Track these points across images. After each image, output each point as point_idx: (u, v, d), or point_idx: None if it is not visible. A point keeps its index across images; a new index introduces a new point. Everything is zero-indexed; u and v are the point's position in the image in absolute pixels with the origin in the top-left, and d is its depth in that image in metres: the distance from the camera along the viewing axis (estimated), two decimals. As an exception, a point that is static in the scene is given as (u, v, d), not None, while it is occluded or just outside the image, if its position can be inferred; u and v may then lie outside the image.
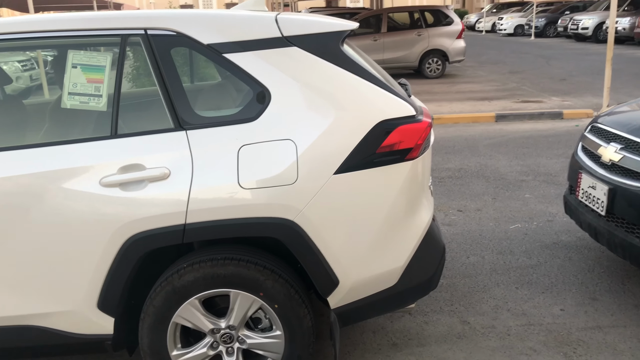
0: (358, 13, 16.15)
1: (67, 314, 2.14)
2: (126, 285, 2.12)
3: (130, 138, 2.10)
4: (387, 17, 12.94)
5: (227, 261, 2.12)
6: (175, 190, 2.05)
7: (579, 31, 21.17)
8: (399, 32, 12.79)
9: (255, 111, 2.13)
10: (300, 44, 2.16)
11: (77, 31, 2.15)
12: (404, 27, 13.03)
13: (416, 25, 12.85)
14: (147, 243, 2.06)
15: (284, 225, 2.08)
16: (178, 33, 2.14)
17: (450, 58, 12.78)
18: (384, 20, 12.83)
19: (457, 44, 12.75)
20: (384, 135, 2.12)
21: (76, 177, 2.06)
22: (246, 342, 2.23)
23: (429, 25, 12.80)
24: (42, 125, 2.73)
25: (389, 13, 13.11)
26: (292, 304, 2.15)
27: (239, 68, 2.13)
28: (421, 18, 12.81)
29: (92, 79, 2.15)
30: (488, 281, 3.29)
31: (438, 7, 13.07)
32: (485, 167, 5.74)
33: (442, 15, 12.90)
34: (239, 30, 2.16)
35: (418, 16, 12.88)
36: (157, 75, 2.13)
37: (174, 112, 2.12)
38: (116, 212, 2.04)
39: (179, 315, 2.15)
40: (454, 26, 12.75)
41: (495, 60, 16.18)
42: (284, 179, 2.06)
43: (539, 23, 25.24)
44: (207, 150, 2.08)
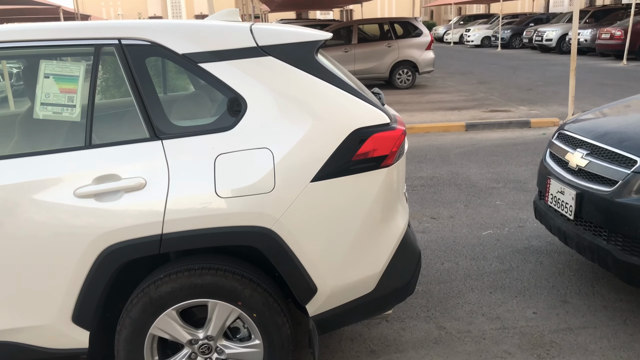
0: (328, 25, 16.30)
1: (41, 328, 2.09)
2: (102, 298, 2.09)
3: (105, 148, 2.08)
4: (357, 29, 13.10)
5: (204, 271, 2.11)
6: (151, 200, 2.03)
7: (543, 42, 21.81)
8: (370, 44, 12.96)
9: (232, 120, 2.13)
10: (275, 53, 2.18)
11: (50, 41, 2.13)
12: (374, 38, 13.21)
13: (386, 36, 13.04)
14: (123, 254, 2.04)
15: (261, 234, 2.09)
16: (152, 43, 2.14)
17: (420, 69, 13.00)
18: (354, 31, 12.99)
19: (427, 55, 12.98)
20: (359, 142, 2.15)
21: (49, 188, 2.03)
22: (225, 352, 2.21)
23: (399, 36, 13.01)
24: (12, 137, 2.68)
25: (359, 25, 13.27)
26: (270, 313, 2.15)
27: (214, 77, 2.14)
28: (391, 30, 13.01)
29: (65, 89, 2.13)
30: (463, 286, 3.34)
31: (407, 19, 13.30)
32: (457, 175, 5.84)
33: (412, 27, 13.13)
34: (214, 40, 2.17)
35: (388, 28, 13.08)
36: (132, 84, 2.12)
37: (149, 121, 2.11)
38: (91, 224, 2.02)
39: (156, 326, 2.12)
40: (423, 37, 12.99)
41: (463, 71, 16.52)
42: (261, 187, 2.07)
43: (505, 35, 25.90)
44: (183, 159, 2.08)
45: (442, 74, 16.07)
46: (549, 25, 22.39)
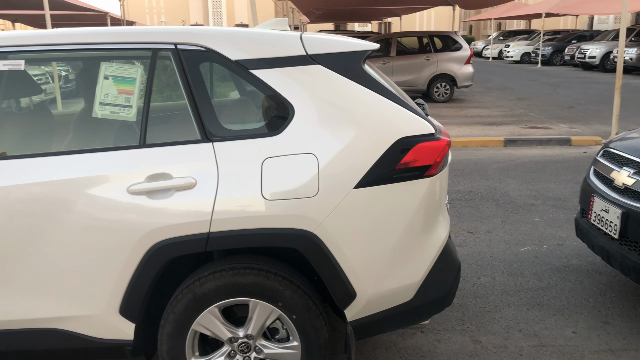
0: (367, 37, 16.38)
1: (90, 318, 2.18)
2: (148, 292, 2.16)
3: (159, 148, 2.17)
4: (396, 42, 13.13)
5: (247, 270, 2.16)
6: (200, 200, 2.10)
7: (586, 60, 21.37)
8: (408, 56, 12.97)
9: (279, 125, 2.19)
10: (324, 62, 2.23)
11: (111, 44, 2.24)
12: (413, 51, 13.21)
13: (425, 49, 13.02)
14: (171, 250, 2.11)
15: (303, 237, 2.13)
16: (207, 49, 2.22)
17: (458, 83, 12.92)
18: (393, 44, 13.02)
19: (466, 69, 12.90)
20: (403, 151, 2.17)
21: (104, 184, 2.12)
22: (263, 352, 2.25)
23: (438, 50, 12.98)
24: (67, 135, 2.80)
25: (398, 37, 13.31)
26: (309, 315, 2.19)
27: (264, 84, 2.21)
28: (430, 43, 13.00)
29: (122, 90, 2.23)
30: (499, 302, 3.31)
31: (447, 32, 13.26)
32: (495, 190, 5.78)
33: (451, 40, 13.08)
34: (265, 47, 2.24)
35: (427, 41, 13.07)
36: (186, 88, 2.21)
37: (201, 124, 2.19)
38: (142, 220, 2.09)
39: (198, 323, 2.18)
40: (462, 52, 12.92)
41: (502, 87, 16.33)
42: (305, 191, 2.12)
43: (545, 51, 25.49)
44: (232, 161, 2.14)
45: (481, 88, 15.92)
46: (593, 43, 21.94)
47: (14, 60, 2.23)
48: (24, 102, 3.17)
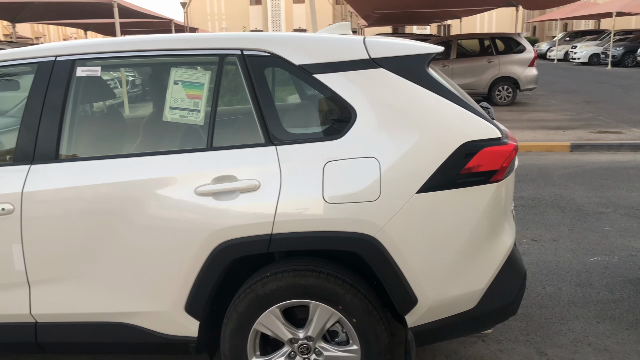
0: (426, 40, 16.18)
1: (158, 314, 2.26)
2: (212, 291, 2.22)
3: (225, 151, 2.22)
4: (456, 44, 12.89)
5: (308, 272, 2.18)
6: (264, 202, 2.14)
7: (661, 61, 20.18)
8: (469, 59, 12.70)
9: (341, 129, 2.20)
10: (387, 65, 2.23)
11: (180, 50, 2.32)
12: (474, 53, 12.92)
13: (486, 52, 12.71)
14: (235, 251, 2.16)
15: (365, 241, 2.13)
16: (272, 54, 2.27)
17: (521, 86, 12.53)
18: (453, 46, 12.79)
19: (529, 71, 12.48)
20: (468, 156, 2.13)
21: (172, 185, 2.20)
22: (323, 354, 2.27)
23: (500, 52, 12.63)
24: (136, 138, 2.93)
25: (458, 40, 13.06)
26: (370, 320, 2.18)
27: (327, 88, 2.23)
28: (492, 45, 12.68)
29: (191, 94, 2.31)
30: (566, 313, 3.18)
31: (510, 34, 12.89)
32: (560, 197, 5.56)
33: (514, 42, 12.70)
34: (329, 52, 2.26)
35: (489, 43, 12.75)
36: (251, 92, 2.26)
37: (265, 128, 2.23)
38: (208, 220, 2.16)
39: (260, 322, 2.22)
40: (526, 54, 12.52)
41: (568, 89, 15.69)
42: (367, 195, 2.12)
43: (616, 52, 24.29)
44: (295, 164, 2.17)
45: (545, 91, 15.36)
46: (669, 43, 20.69)
47: (92, 67, 2.35)
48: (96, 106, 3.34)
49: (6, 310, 2.33)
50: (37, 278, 2.26)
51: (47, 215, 2.22)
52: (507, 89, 12.60)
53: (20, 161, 2.28)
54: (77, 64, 2.34)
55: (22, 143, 2.29)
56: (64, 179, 2.23)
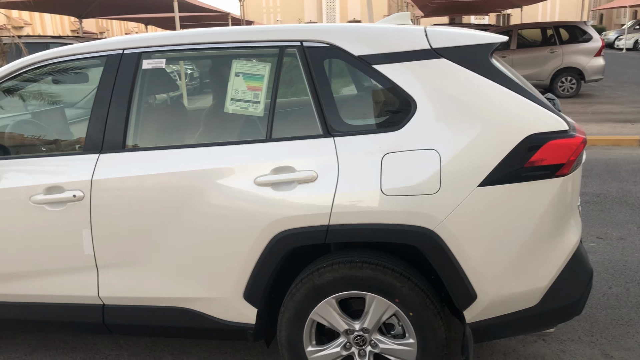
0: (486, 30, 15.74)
1: (217, 300, 2.32)
2: (270, 279, 2.26)
3: (283, 142, 2.25)
4: (517, 34, 12.45)
5: (365, 264, 2.17)
6: (321, 193, 2.15)
7: None
8: (530, 49, 12.24)
9: (401, 120, 2.18)
10: (449, 55, 2.18)
11: (242, 43, 2.36)
12: (535, 44, 12.45)
13: (549, 42, 12.21)
14: (293, 240, 2.18)
15: (423, 234, 2.10)
16: (331, 45, 2.26)
17: (586, 77, 11.96)
18: (513, 36, 12.36)
19: (595, 61, 11.89)
20: (534, 149, 2.06)
21: (233, 175, 2.24)
22: (378, 347, 2.26)
23: (564, 42, 12.10)
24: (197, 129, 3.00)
25: (519, 29, 12.61)
26: (427, 314, 2.16)
27: (386, 79, 2.20)
28: (555, 34, 12.16)
29: (252, 86, 2.34)
30: (634, 315, 3.03)
31: (575, 23, 12.32)
32: (629, 193, 5.29)
33: (579, 31, 12.14)
34: (389, 42, 2.23)
35: (552, 32, 12.24)
36: (310, 84, 2.26)
37: (323, 119, 2.23)
38: (267, 210, 2.19)
39: (316, 312, 2.24)
40: (592, 43, 11.93)
41: (638, 81, 14.86)
42: (426, 188, 2.08)
43: (692, 40, 22.76)
44: (352, 156, 2.17)
45: (612, 82, 14.61)
46: None
47: (157, 59, 2.43)
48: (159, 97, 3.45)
49: (76, 292, 2.45)
50: (104, 262, 2.37)
51: (114, 202, 2.32)
52: (571, 80, 12.07)
53: (90, 150, 2.38)
54: (143, 56, 2.42)
55: (92, 133, 2.40)
56: (130, 168, 2.32)
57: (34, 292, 2.49)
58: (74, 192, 2.32)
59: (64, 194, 2.33)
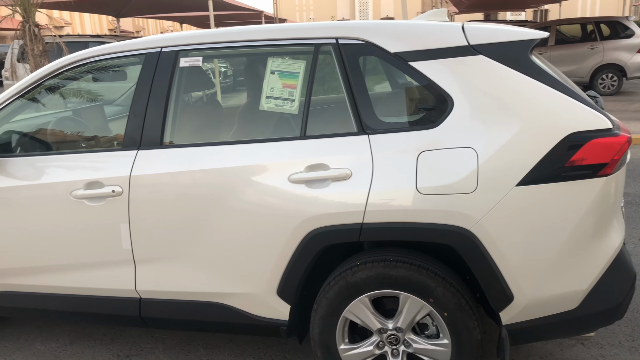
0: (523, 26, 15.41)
1: (251, 296, 2.34)
2: (303, 276, 2.26)
3: (317, 140, 2.25)
4: (555, 30, 12.15)
5: (399, 264, 2.16)
6: (355, 191, 2.14)
7: None
8: (569, 46, 11.93)
9: (437, 118, 2.15)
10: (487, 52, 2.14)
11: (277, 40, 2.37)
12: (574, 40, 12.12)
13: (589, 37, 11.87)
14: (326, 238, 2.18)
15: (459, 234, 2.07)
16: (367, 42, 2.25)
17: (628, 73, 11.58)
18: (551, 32, 12.06)
19: (638, 58, 11.49)
20: (575, 148, 2.00)
21: (267, 172, 2.25)
22: (412, 346, 2.24)
23: (605, 38, 11.74)
24: (232, 126, 3.03)
25: (557, 25, 12.30)
26: (462, 314, 2.13)
27: (423, 76, 2.18)
28: (595, 30, 11.81)
29: (287, 84, 2.35)
30: (678, 321, 2.92)
31: (617, 18, 11.95)
32: (673, 194, 5.10)
33: (621, 27, 11.76)
34: (425, 39, 2.20)
35: (592, 28, 11.90)
36: (345, 81, 2.25)
37: (358, 117, 2.22)
38: (301, 207, 2.19)
39: (349, 310, 2.23)
40: (634, 39, 11.54)
41: (683, 77, 14.28)
42: (463, 187, 2.05)
43: None
44: (387, 154, 2.15)
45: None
46: None
47: (194, 57, 2.46)
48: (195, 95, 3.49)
49: (114, 285, 2.51)
50: (142, 257, 2.42)
51: (151, 198, 2.36)
52: (612, 77, 11.70)
53: (128, 147, 2.43)
54: (180, 54, 2.45)
55: (131, 130, 2.44)
56: (167, 164, 2.36)
57: (73, 285, 2.56)
58: (112, 188, 2.37)
59: (103, 189, 2.38)
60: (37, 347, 2.97)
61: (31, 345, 2.98)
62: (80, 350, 2.91)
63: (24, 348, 2.96)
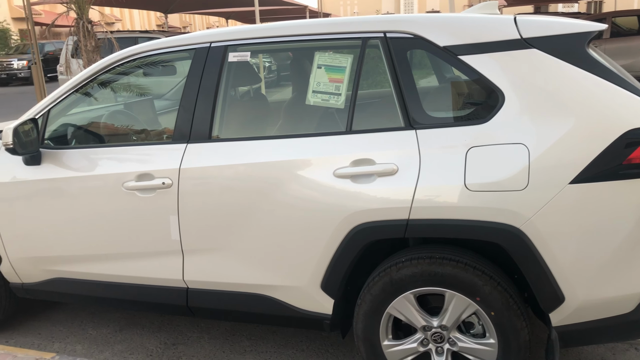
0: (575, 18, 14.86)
1: (295, 289, 2.36)
2: (347, 271, 2.26)
3: (363, 134, 2.23)
4: (610, 22, 11.66)
5: (445, 261, 2.13)
6: (401, 186, 2.12)
7: None
8: (626, 38, 11.44)
9: (487, 113, 2.10)
10: (541, 45, 2.08)
11: (325, 35, 2.37)
12: (632, 32, 11.61)
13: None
14: (371, 233, 2.17)
15: (509, 232, 2.02)
16: (416, 36, 2.22)
17: (689, 67, 11.00)
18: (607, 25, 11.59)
19: (700, 51, 10.92)
20: (633, 145, 1.92)
21: (312, 166, 2.26)
22: (457, 345, 2.21)
23: (664, 30, 11.20)
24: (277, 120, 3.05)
25: (613, 17, 11.81)
26: (509, 314, 2.08)
27: (473, 70, 2.13)
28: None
29: (333, 78, 2.35)
30: None
31: (677, 9, 11.37)
32: None
33: (682, 18, 11.18)
34: (476, 32, 2.16)
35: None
36: (392, 75, 2.23)
37: (405, 111, 2.20)
38: (345, 202, 2.19)
39: (393, 306, 2.22)
40: (696, 30, 10.96)
41: None
42: (514, 184, 2.00)
43: None
44: (435, 149, 2.12)
45: None
46: None
47: (242, 52, 2.49)
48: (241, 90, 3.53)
49: (163, 275, 2.58)
50: (190, 247, 2.47)
51: (200, 190, 2.41)
52: (671, 71, 11.16)
53: (178, 140, 2.49)
54: (229, 49, 2.48)
55: (180, 124, 2.49)
56: (215, 158, 2.40)
57: (124, 273, 2.64)
58: (163, 180, 2.43)
59: (154, 181, 2.45)
60: (89, 332, 3.09)
61: (84, 330, 3.10)
62: (130, 337, 3.01)
63: (77, 333, 3.08)
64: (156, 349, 2.89)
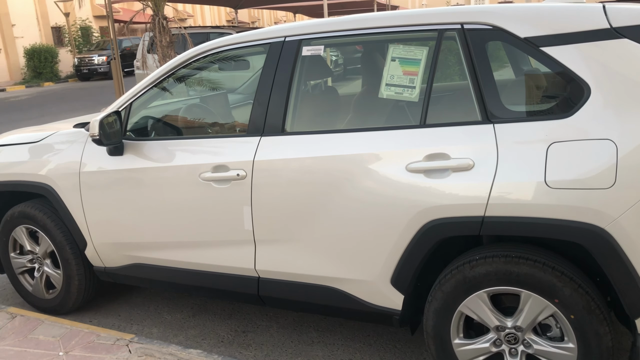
0: None
1: (365, 283, 2.36)
2: (418, 267, 2.23)
3: (438, 128, 2.19)
4: None
5: (521, 260, 2.05)
6: (477, 182, 2.07)
7: None
8: None
9: (571, 107, 2.01)
10: (633, 35, 1.95)
11: (399, 27, 2.33)
12: None
13: None
14: (445, 230, 2.13)
15: (592, 232, 1.92)
16: (494, 27, 2.15)
17: None
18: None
19: None
20: None
21: (384, 160, 2.24)
22: (532, 347, 2.13)
23: None
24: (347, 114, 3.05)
25: None
26: (591, 319, 1.98)
27: (556, 62, 2.04)
28: None
29: (408, 71, 2.31)
30: None
31: None
32: None
33: None
34: (560, 22, 2.06)
35: None
36: (470, 68, 2.17)
37: (482, 105, 2.13)
38: (418, 197, 2.16)
39: (465, 305, 2.17)
40: None
41: None
42: (599, 182, 1.90)
43: None
44: (514, 144, 2.05)
45: None
46: None
47: (316, 46, 2.50)
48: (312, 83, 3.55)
49: (235, 264, 2.65)
50: (262, 237, 2.53)
51: (272, 182, 2.45)
52: None
53: (252, 133, 2.54)
54: (303, 43, 2.50)
55: (255, 117, 2.55)
56: (288, 151, 2.43)
57: (198, 261, 2.74)
58: (237, 171, 2.50)
59: (229, 172, 2.51)
60: (164, 316, 3.23)
61: (159, 315, 3.25)
62: (202, 323, 3.12)
63: (153, 316, 3.23)
64: (227, 335, 2.98)
